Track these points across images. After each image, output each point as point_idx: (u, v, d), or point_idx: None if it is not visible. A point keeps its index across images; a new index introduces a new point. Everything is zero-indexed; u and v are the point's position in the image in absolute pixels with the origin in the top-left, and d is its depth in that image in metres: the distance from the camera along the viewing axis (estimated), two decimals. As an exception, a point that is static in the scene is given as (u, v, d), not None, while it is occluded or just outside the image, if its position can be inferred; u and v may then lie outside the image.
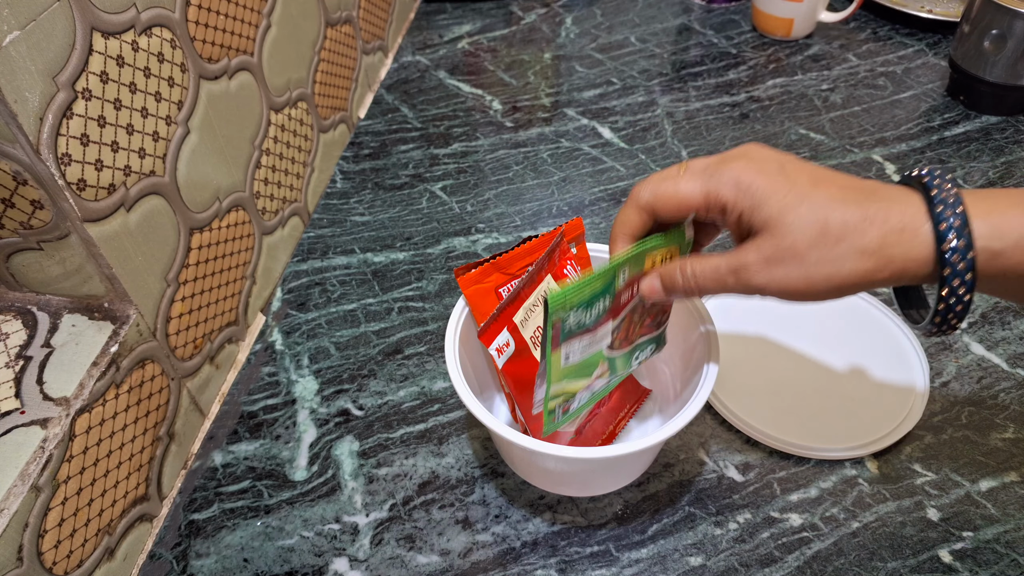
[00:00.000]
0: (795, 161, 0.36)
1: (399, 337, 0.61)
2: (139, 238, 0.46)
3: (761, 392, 0.55)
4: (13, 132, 0.37)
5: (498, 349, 0.44)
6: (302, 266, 0.67)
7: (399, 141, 0.80)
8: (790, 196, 0.33)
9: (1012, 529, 0.47)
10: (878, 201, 0.33)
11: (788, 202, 0.33)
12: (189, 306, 0.52)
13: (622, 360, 0.45)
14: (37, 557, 0.39)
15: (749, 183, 0.34)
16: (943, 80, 0.85)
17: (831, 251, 0.33)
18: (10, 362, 0.43)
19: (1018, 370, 0.56)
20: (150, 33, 0.46)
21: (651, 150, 0.78)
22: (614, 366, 0.45)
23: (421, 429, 0.54)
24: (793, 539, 0.47)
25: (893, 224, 0.32)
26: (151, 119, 0.46)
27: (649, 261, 0.40)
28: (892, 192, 0.34)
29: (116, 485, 0.45)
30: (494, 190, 0.74)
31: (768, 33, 0.94)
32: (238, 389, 0.58)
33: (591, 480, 0.49)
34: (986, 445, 0.51)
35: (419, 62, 0.92)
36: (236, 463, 0.53)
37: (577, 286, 0.37)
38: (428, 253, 0.67)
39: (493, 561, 0.47)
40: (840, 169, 0.74)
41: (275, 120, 0.63)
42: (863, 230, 0.32)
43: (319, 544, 0.48)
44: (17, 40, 0.36)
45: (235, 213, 0.57)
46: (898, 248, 0.32)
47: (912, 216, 0.33)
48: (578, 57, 0.92)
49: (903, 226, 0.32)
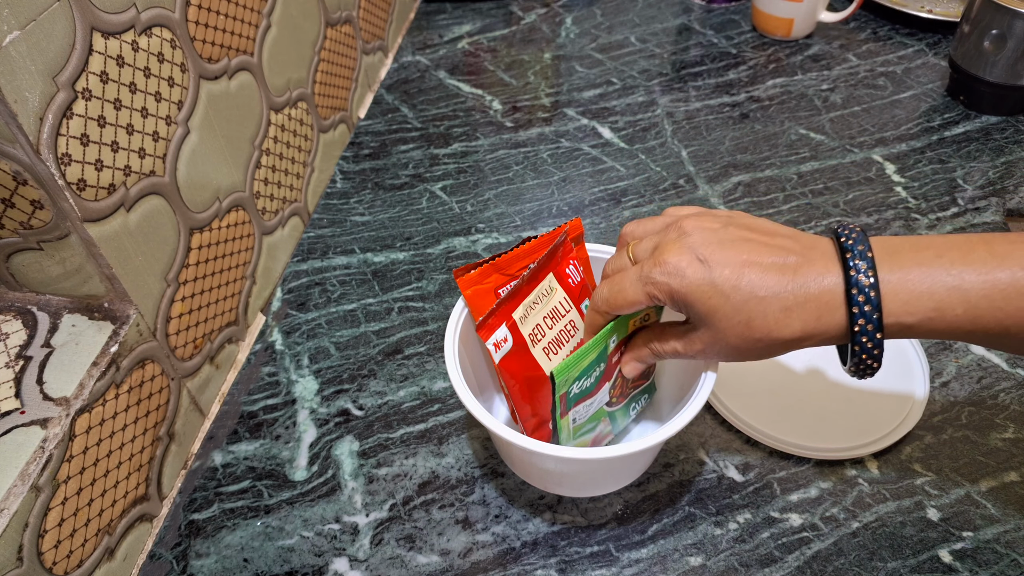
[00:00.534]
0: (719, 250, 0.37)
1: (399, 337, 0.61)
2: (139, 238, 0.46)
3: (761, 392, 0.55)
4: (13, 132, 0.37)
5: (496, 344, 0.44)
6: (302, 266, 0.67)
7: (399, 141, 0.80)
8: (715, 299, 0.37)
9: (1012, 529, 0.47)
10: (799, 287, 0.36)
11: (714, 305, 0.37)
12: (189, 306, 0.52)
13: (621, 412, 0.50)
14: (37, 557, 0.39)
15: (677, 290, 0.38)
16: (943, 80, 0.86)
17: (758, 343, 0.37)
18: (10, 362, 0.43)
19: (1018, 370, 0.56)
20: (150, 33, 0.46)
21: (651, 150, 0.78)
22: (615, 419, 0.50)
23: (421, 429, 0.54)
24: (793, 539, 0.47)
25: (810, 313, 0.36)
26: (151, 119, 0.46)
27: (631, 324, 0.45)
28: (813, 272, 0.36)
29: (116, 485, 0.45)
30: (494, 190, 0.74)
31: (768, 33, 0.94)
32: (238, 389, 0.58)
33: (591, 481, 0.49)
34: (986, 445, 0.51)
35: (419, 62, 0.92)
36: (236, 463, 0.53)
37: (575, 358, 0.42)
38: (428, 253, 0.67)
39: (493, 561, 0.47)
40: (840, 169, 0.74)
41: (275, 120, 0.63)
42: (784, 324, 0.36)
43: (319, 544, 0.48)
44: (17, 40, 0.36)
45: (235, 213, 0.57)
46: (817, 334, 0.37)
47: (828, 302, 0.36)
48: (578, 57, 0.92)
49: (819, 315, 0.36)
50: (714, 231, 0.38)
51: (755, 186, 0.73)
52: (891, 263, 0.35)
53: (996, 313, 0.34)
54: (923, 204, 0.70)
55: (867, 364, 0.37)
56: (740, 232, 0.38)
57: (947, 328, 0.35)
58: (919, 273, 0.35)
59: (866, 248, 0.35)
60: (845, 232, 0.37)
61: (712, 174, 0.75)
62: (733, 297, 0.36)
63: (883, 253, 0.36)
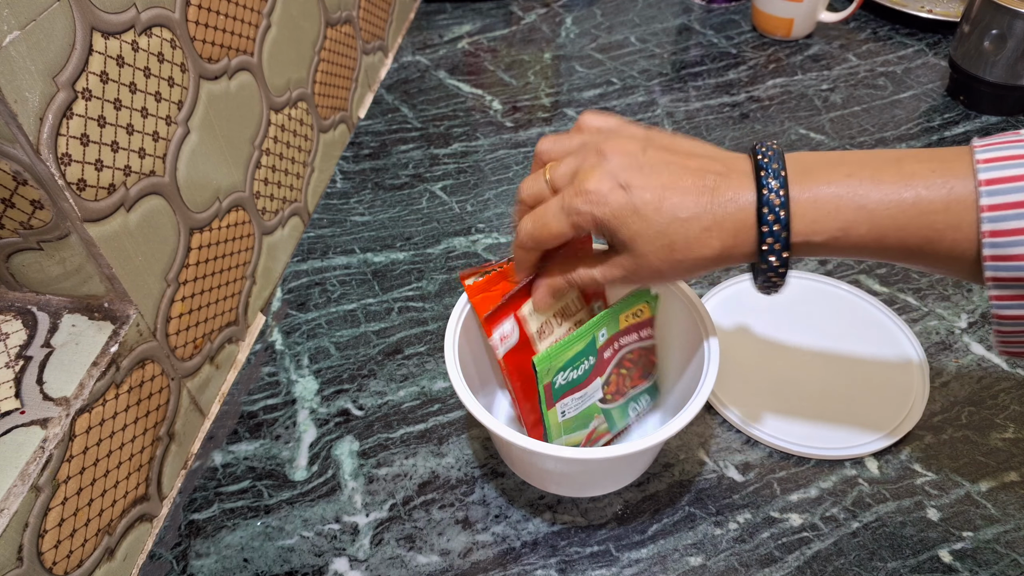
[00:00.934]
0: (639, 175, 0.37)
1: (399, 337, 0.61)
2: (139, 238, 0.46)
3: (761, 392, 0.55)
4: (13, 132, 0.37)
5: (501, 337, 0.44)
6: (302, 266, 0.67)
7: (399, 141, 0.80)
8: (638, 224, 0.37)
9: (1012, 529, 0.47)
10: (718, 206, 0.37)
11: (636, 228, 0.37)
12: (189, 306, 0.52)
13: (619, 412, 0.50)
14: (37, 557, 0.39)
15: (600, 218, 0.38)
16: (943, 80, 0.86)
17: (680, 264, 0.38)
18: (10, 362, 0.43)
19: (1018, 370, 0.56)
20: (150, 33, 0.46)
21: (651, 150, 0.77)
22: (611, 417, 0.49)
23: (421, 429, 0.54)
24: (793, 539, 0.47)
25: (727, 231, 0.37)
26: (151, 119, 0.46)
27: (623, 320, 0.46)
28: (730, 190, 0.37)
29: (116, 485, 0.45)
30: (494, 190, 0.74)
31: (768, 33, 0.94)
32: (238, 389, 0.58)
33: (590, 481, 0.49)
34: (986, 445, 0.51)
35: (419, 62, 0.92)
36: (236, 463, 0.53)
37: (558, 348, 0.43)
38: (428, 253, 0.67)
39: (493, 561, 0.47)
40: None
41: (275, 120, 0.63)
42: (705, 243, 0.37)
43: (319, 544, 0.48)
44: (17, 40, 0.36)
45: (235, 213, 0.57)
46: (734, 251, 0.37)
47: (743, 220, 0.36)
48: (578, 57, 0.92)
49: (736, 232, 0.37)
50: (633, 155, 0.38)
51: (755, 186, 0.73)
52: (803, 181, 0.36)
53: (899, 232, 0.34)
54: (923, 204, 0.70)
55: (772, 282, 0.38)
56: (660, 154, 0.38)
57: (852, 246, 0.36)
58: (828, 191, 0.35)
59: (780, 167, 0.36)
60: (762, 150, 0.37)
61: (712, 174, 0.75)
62: (655, 220, 0.37)
63: (797, 171, 0.36)
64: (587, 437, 0.49)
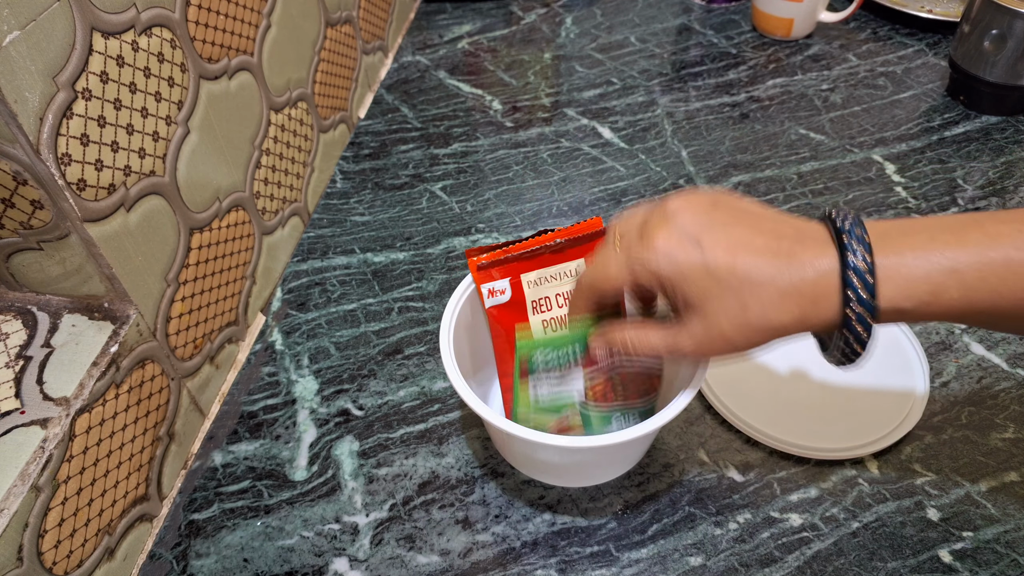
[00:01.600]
0: (710, 232, 0.36)
1: (399, 337, 0.61)
2: (139, 238, 0.46)
3: (761, 392, 0.55)
4: (13, 132, 0.37)
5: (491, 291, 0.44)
6: (302, 266, 0.67)
7: (399, 141, 0.80)
8: (708, 283, 0.35)
9: (1012, 529, 0.47)
10: (795, 271, 0.35)
11: (706, 287, 0.35)
12: (189, 306, 0.52)
13: (599, 419, 0.47)
14: (37, 557, 0.39)
15: (667, 274, 0.36)
16: (943, 80, 0.86)
17: (754, 330, 0.35)
18: (10, 362, 0.43)
19: (1018, 370, 0.56)
20: (150, 33, 0.46)
21: (651, 150, 0.78)
22: (588, 422, 0.47)
23: (421, 429, 0.54)
24: (793, 539, 0.47)
25: (806, 298, 0.35)
26: (151, 119, 0.46)
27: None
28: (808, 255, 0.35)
29: (116, 485, 0.45)
30: (494, 190, 0.74)
31: (768, 33, 0.94)
32: (238, 389, 0.58)
33: (583, 470, 0.49)
34: (986, 445, 0.51)
35: (419, 62, 0.92)
36: (236, 463, 0.53)
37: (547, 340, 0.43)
38: (428, 253, 0.67)
39: (493, 561, 0.47)
40: (840, 169, 0.74)
41: (275, 120, 0.63)
42: (782, 309, 0.35)
43: (319, 544, 0.48)
44: (17, 40, 0.36)
45: (235, 213, 0.57)
46: (812, 319, 0.35)
47: (825, 287, 0.34)
48: (578, 57, 0.92)
49: (815, 300, 0.34)
50: (703, 212, 0.37)
51: (755, 186, 0.73)
52: (885, 247, 0.34)
53: (991, 295, 0.33)
54: (923, 204, 0.70)
55: (853, 350, 0.36)
56: (729, 214, 0.37)
57: (941, 311, 0.34)
58: (914, 257, 0.34)
59: (864, 232, 0.35)
60: (840, 215, 0.36)
61: (712, 174, 0.75)
62: (728, 281, 0.35)
63: (876, 237, 0.35)
64: (557, 424, 0.47)
